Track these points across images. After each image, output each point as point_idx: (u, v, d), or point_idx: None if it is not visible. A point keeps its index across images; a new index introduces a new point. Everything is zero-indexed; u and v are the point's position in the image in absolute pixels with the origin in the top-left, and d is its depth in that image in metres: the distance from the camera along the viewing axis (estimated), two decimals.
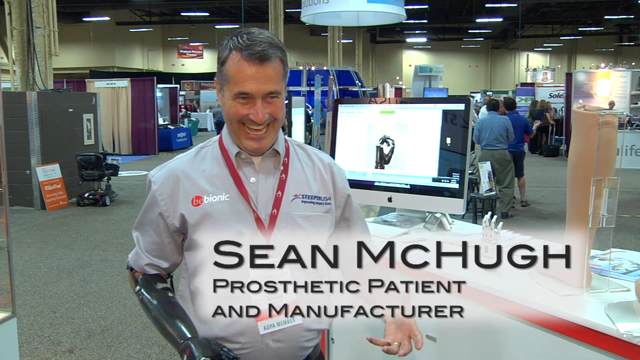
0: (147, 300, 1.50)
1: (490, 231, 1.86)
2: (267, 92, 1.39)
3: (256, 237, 1.44)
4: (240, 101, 1.39)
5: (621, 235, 6.96)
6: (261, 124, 1.40)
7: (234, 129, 1.44)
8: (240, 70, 1.37)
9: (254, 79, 1.37)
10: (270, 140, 1.45)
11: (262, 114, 1.39)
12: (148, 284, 1.53)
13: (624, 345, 1.41)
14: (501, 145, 7.87)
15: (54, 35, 11.62)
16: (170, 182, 1.48)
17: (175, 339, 1.40)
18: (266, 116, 1.40)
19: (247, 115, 1.40)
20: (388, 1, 7.37)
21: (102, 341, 4.11)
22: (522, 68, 36.60)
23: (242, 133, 1.43)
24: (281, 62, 1.41)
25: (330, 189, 1.55)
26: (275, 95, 1.41)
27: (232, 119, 1.42)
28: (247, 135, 1.42)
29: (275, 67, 1.39)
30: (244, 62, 1.37)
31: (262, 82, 1.37)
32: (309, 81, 15.33)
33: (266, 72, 1.37)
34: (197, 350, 1.33)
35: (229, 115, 1.42)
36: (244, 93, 1.38)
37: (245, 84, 1.37)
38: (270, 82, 1.38)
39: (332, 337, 2.53)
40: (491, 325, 1.78)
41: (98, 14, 30.71)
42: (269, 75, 1.38)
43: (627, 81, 14.68)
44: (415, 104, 2.56)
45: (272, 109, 1.41)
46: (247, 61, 1.37)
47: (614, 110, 1.59)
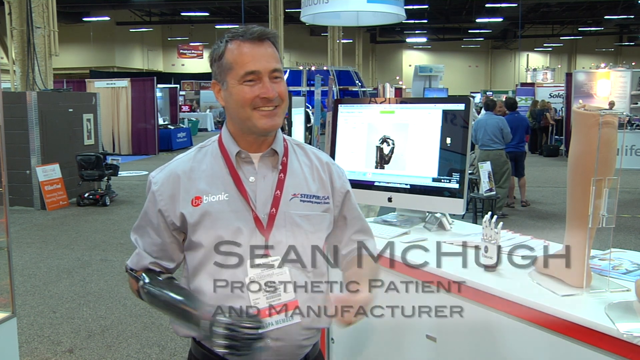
0: (154, 288, 1.48)
1: (490, 231, 1.86)
2: (272, 69, 1.42)
3: (255, 236, 1.44)
4: (248, 83, 1.41)
5: (621, 235, 6.96)
6: (273, 100, 1.42)
7: (246, 115, 1.43)
8: (243, 52, 1.41)
9: (258, 57, 1.41)
10: (280, 121, 1.46)
11: (272, 89, 1.41)
12: (152, 276, 1.51)
13: (624, 345, 1.41)
14: (496, 145, 7.87)
15: (54, 35, 11.61)
16: (170, 183, 1.48)
17: (190, 312, 1.38)
18: (276, 94, 1.42)
19: (258, 96, 1.41)
20: (388, 1, 7.37)
21: (102, 341, 4.11)
22: (522, 68, 36.60)
23: (255, 115, 1.42)
24: (275, 47, 1.46)
25: (328, 188, 1.55)
26: (279, 75, 1.44)
27: (243, 105, 1.42)
28: (261, 114, 1.42)
29: (273, 49, 1.44)
30: (245, 45, 1.41)
31: (265, 59, 1.41)
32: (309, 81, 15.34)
33: (267, 51, 1.42)
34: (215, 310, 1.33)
35: (238, 102, 1.42)
36: (251, 72, 1.40)
37: (251, 63, 1.40)
38: (273, 60, 1.43)
39: (332, 337, 2.53)
40: (491, 325, 1.78)
41: (98, 14, 30.71)
42: (271, 54, 1.43)
43: (627, 81, 14.68)
44: (415, 104, 2.56)
45: (279, 89, 1.43)
46: (248, 42, 1.42)
47: (614, 110, 1.59)
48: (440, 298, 1.96)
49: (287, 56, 30.50)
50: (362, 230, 1.65)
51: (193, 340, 1.54)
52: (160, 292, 1.47)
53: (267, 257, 1.44)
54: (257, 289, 1.42)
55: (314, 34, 35.51)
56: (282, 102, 1.45)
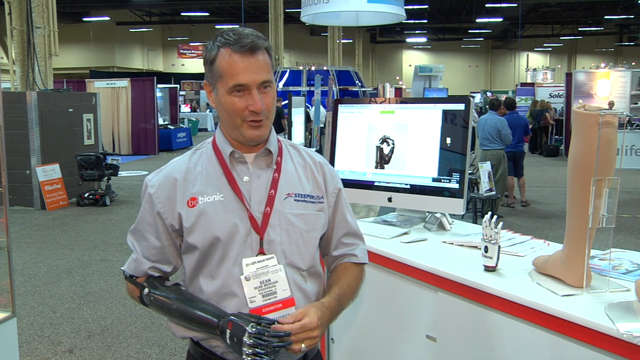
0: (163, 296, 1.47)
1: (490, 231, 1.86)
2: (261, 81, 1.41)
3: (250, 235, 1.45)
4: (236, 94, 1.41)
5: (621, 235, 6.96)
6: (260, 113, 1.42)
7: (235, 125, 1.44)
8: (233, 63, 1.40)
9: (247, 70, 1.40)
10: (267, 131, 1.47)
11: (260, 102, 1.41)
12: (156, 284, 1.51)
13: (624, 345, 1.41)
14: (493, 145, 7.88)
15: (54, 35, 11.62)
16: (167, 186, 1.49)
17: (209, 320, 1.38)
18: (264, 107, 1.42)
19: (247, 107, 1.41)
20: (388, 1, 7.38)
21: (102, 341, 4.10)
22: (522, 68, 36.60)
23: (243, 126, 1.44)
24: (268, 54, 1.45)
25: (322, 188, 1.56)
26: (269, 85, 1.44)
27: (231, 115, 1.43)
28: (249, 125, 1.43)
29: (265, 57, 1.43)
30: (236, 55, 1.40)
31: (255, 72, 1.40)
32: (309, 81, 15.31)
33: (258, 62, 1.41)
34: (241, 320, 1.34)
35: (227, 111, 1.43)
36: (239, 85, 1.40)
37: (240, 75, 1.40)
38: (263, 72, 1.42)
39: (332, 337, 2.53)
40: (491, 325, 1.78)
41: (98, 14, 30.69)
42: (261, 65, 1.42)
43: (627, 81, 14.69)
44: (415, 104, 2.56)
45: (266, 100, 1.43)
46: (239, 54, 1.40)
47: (614, 110, 1.59)
48: (441, 298, 1.96)
49: (287, 56, 30.45)
50: (351, 233, 1.63)
51: (191, 341, 1.54)
52: (173, 300, 1.46)
53: (263, 255, 1.45)
54: (253, 287, 1.42)
55: (314, 34, 35.50)
56: (269, 114, 1.45)
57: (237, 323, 1.33)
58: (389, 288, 2.21)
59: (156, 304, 1.49)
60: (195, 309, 1.42)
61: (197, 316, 1.41)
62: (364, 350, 2.39)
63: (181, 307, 1.44)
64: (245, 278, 1.43)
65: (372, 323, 2.33)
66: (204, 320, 1.40)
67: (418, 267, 2.02)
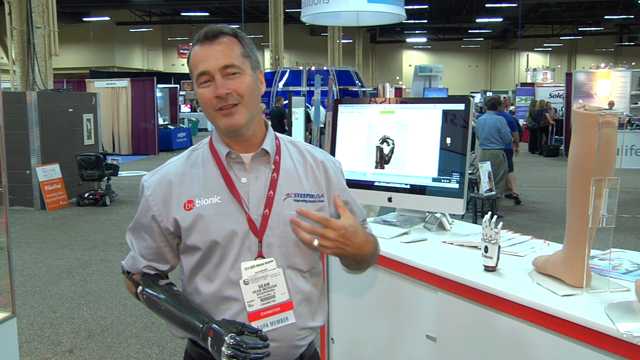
0: (154, 296, 1.48)
1: (490, 231, 1.86)
2: (222, 65, 1.38)
3: (249, 238, 1.43)
4: (203, 85, 1.40)
5: (621, 235, 6.96)
6: (226, 97, 1.38)
7: (211, 117, 1.43)
8: (195, 54, 1.41)
9: (207, 57, 1.39)
10: (242, 118, 1.41)
11: (223, 87, 1.38)
12: (150, 281, 1.52)
13: (624, 345, 1.41)
14: (493, 145, 7.92)
15: (54, 35, 11.62)
16: (162, 188, 1.47)
17: (194, 324, 1.39)
18: (228, 90, 1.38)
19: (215, 96, 1.39)
20: (388, 1, 7.39)
21: (102, 341, 4.11)
22: (522, 68, 36.62)
23: (217, 116, 1.42)
24: (236, 39, 1.42)
25: (323, 186, 1.52)
26: (234, 71, 1.40)
27: (205, 108, 1.42)
28: (222, 114, 1.41)
29: (226, 43, 1.40)
30: (197, 46, 1.42)
31: (215, 57, 1.39)
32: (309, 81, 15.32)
33: (217, 48, 1.40)
34: (221, 329, 1.33)
35: (202, 105, 1.43)
36: (201, 73, 1.39)
37: (200, 64, 1.40)
38: (223, 56, 1.39)
39: (332, 337, 2.53)
40: (491, 325, 1.78)
41: (98, 14, 30.71)
42: (220, 50, 1.39)
43: (627, 81, 14.69)
44: (415, 104, 2.55)
45: (234, 84, 1.39)
46: (199, 44, 1.41)
47: (614, 110, 1.59)
48: (441, 298, 1.96)
49: (287, 56, 30.43)
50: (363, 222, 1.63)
51: (189, 340, 1.54)
52: (162, 301, 1.47)
53: (262, 259, 1.43)
54: (252, 290, 1.42)
55: (314, 34, 35.51)
56: (241, 99, 1.40)
57: (218, 332, 1.33)
58: (389, 288, 2.21)
59: (148, 302, 1.50)
60: (183, 312, 1.42)
61: (183, 320, 1.41)
62: (364, 350, 2.39)
63: (169, 308, 1.45)
64: (244, 282, 1.42)
65: (372, 323, 2.33)
66: (188, 324, 1.40)
67: (418, 267, 2.02)
